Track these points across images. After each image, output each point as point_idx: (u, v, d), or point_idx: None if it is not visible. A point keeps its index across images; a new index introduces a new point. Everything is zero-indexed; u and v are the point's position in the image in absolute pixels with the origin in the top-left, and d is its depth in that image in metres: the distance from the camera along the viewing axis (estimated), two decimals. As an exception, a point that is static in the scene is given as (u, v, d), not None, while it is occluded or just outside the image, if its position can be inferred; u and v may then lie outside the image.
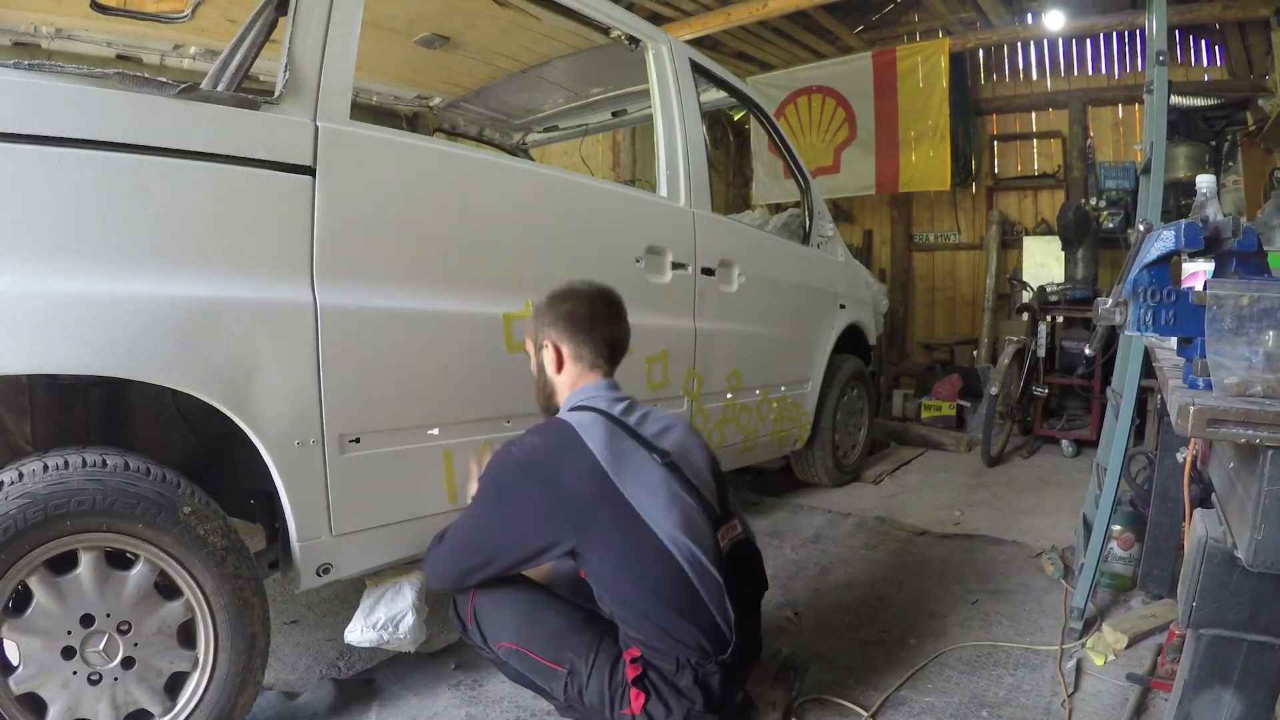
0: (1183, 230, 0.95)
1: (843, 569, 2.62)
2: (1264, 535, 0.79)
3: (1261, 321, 0.85)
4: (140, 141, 1.27)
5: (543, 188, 2.07)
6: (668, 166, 2.45)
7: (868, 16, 5.97)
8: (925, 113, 5.34)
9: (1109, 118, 5.73)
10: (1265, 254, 0.97)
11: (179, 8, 2.23)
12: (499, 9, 2.41)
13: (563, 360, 1.54)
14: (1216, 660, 0.91)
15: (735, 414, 2.78)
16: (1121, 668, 1.89)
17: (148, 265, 1.29)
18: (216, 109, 1.37)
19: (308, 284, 1.47)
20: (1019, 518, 3.21)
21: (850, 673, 1.91)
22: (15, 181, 1.17)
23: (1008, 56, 6.05)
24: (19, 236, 1.18)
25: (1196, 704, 0.92)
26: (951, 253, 6.42)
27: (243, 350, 1.38)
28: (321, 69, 1.51)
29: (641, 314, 2.26)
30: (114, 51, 2.49)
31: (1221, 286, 0.89)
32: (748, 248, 2.82)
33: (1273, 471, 0.78)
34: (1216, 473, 1.04)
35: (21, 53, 2.30)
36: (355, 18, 1.59)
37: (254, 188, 1.41)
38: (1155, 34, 2.10)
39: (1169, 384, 0.94)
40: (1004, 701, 1.78)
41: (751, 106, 3.22)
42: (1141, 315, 0.96)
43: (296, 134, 1.46)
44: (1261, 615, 0.88)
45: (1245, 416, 0.77)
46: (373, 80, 3.11)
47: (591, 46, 2.75)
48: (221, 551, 1.37)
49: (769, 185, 5.97)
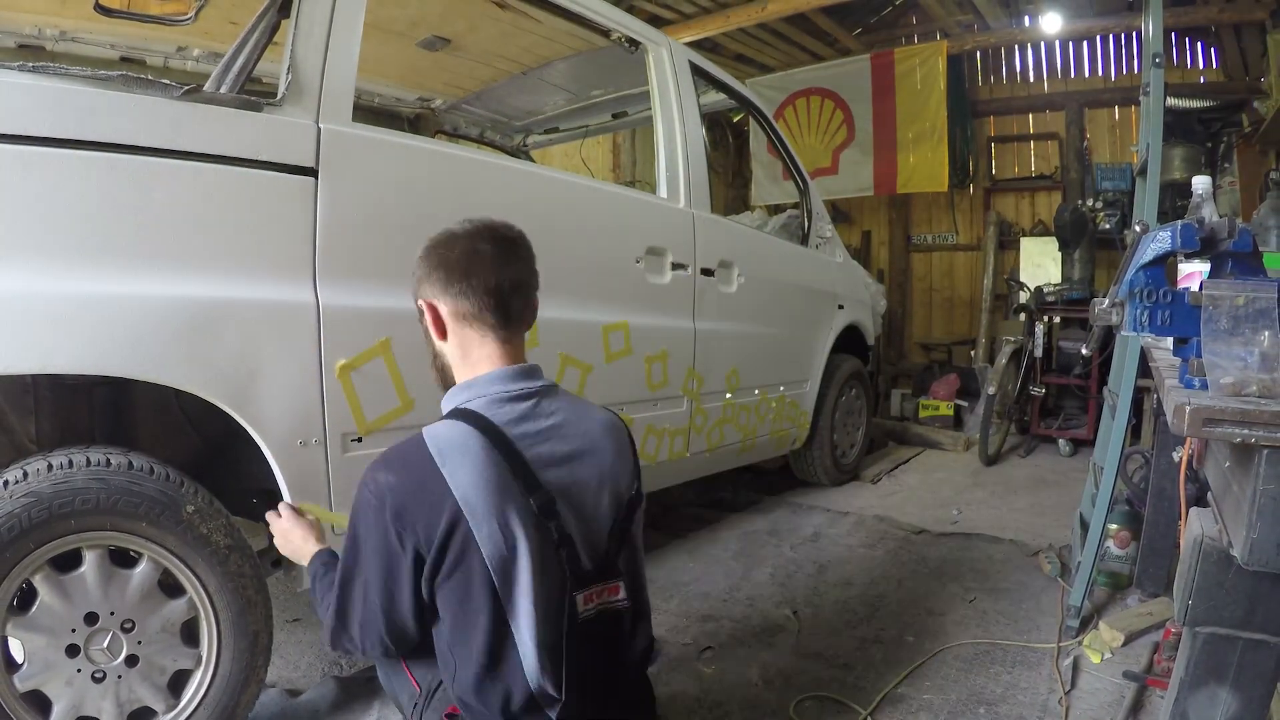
0: (1179, 231, 0.95)
1: (841, 567, 2.62)
2: (1259, 534, 0.79)
3: (1257, 322, 0.85)
4: (144, 143, 1.27)
5: (543, 189, 2.08)
6: (668, 168, 2.45)
7: (866, 19, 5.96)
8: (923, 114, 5.34)
9: (1106, 119, 5.73)
10: (1260, 255, 0.97)
11: (182, 10, 2.23)
12: (500, 11, 2.41)
13: (442, 322, 1.15)
14: (1212, 658, 0.91)
15: (734, 414, 2.79)
16: (1118, 665, 1.89)
17: (152, 266, 1.29)
18: (220, 111, 1.37)
19: (310, 284, 1.48)
20: (1016, 516, 3.21)
21: (848, 670, 1.91)
22: (20, 182, 1.17)
23: (1005, 59, 6.05)
24: (24, 237, 1.18)
25: (1193, 701, 0.92)
26: (949, 253, 6.42)
27: (245, 350, 1.38)
28: (324, 71, 1.52)
29: (641, 314, 2.28)
30: (118, 54, 2.49)
31: (1217, 287, 0.89)
32: (747, 248, 2.82)
33: (1268, 470, 0.78)
34: (1212, 472, 1.04)
35: (26, 55, 2.31)
36: (357, 20, 1.59)
37: (257, 189, 1.41)
38: (1152, 36, 2.10)
39: (1165, 384, 0.95)
40: (1001, 699, 1.78)
41: (750, 108, 3.22)
42: (1138, 316, 0.97)
43: (299, 135, 1.46)
44: (1257, 613, 0.88)
45: (1241, 416, 0.77)
46: (375, 82, 3.11)
47: (592, 49, 2.75)
48: (225, 550, 1.37)
49: (768, 186, 5.97)
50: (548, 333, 1.94)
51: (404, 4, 2.44)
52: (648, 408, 2.35)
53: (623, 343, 2.20)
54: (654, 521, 3.10)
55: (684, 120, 2.49)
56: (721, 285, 2.63)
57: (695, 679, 1.87)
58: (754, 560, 2.68)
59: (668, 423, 2.44)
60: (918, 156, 5.42)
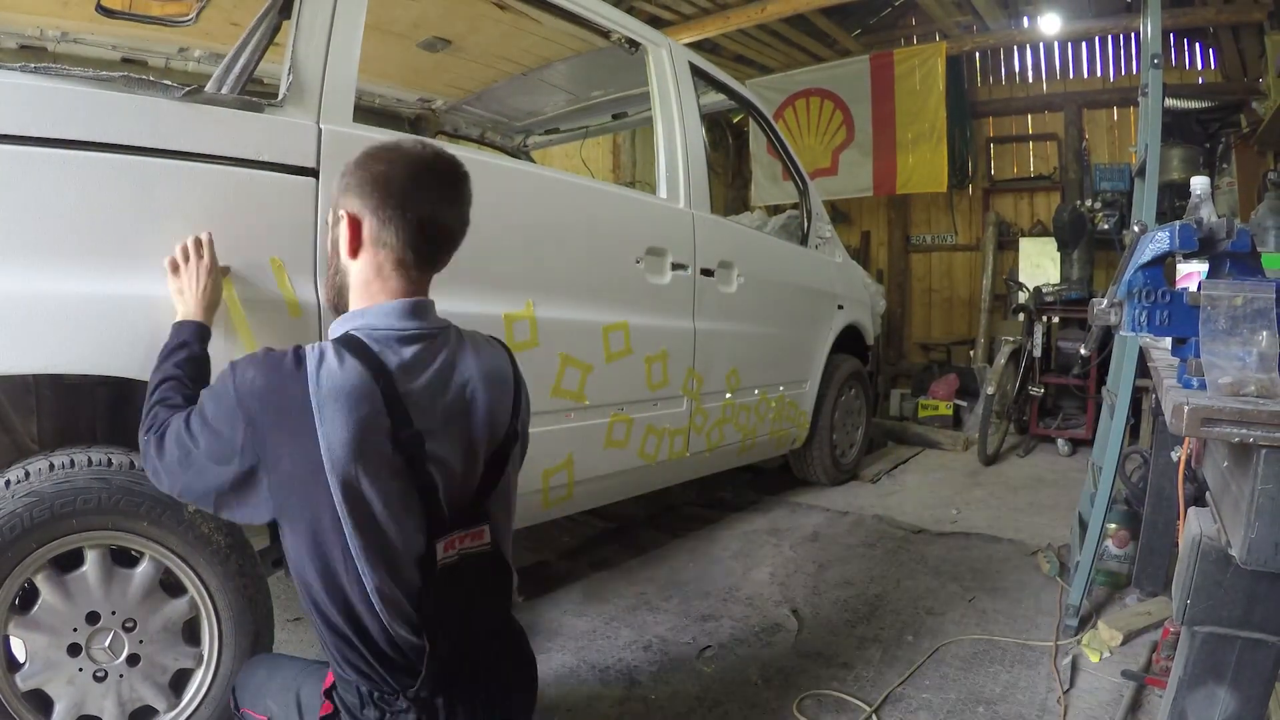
0: (1177, 232, 0.95)
1: (841, 567, 2.62)
2: (1258, 533, 0.79)
3: (1255, 322, 0.85)
4: (146, 144, 1.27)
5: (544, 189, 2.08)
6: (667, 168, 2.45)
7: (865, 20, 5.96)
8: (922, 115, 5.34)
9: (1104, 120, 5.73)
10: (1259, 255, 0.97)
11: (184, 11, 2.23)
12: (500, 12, 2.41)
13: (360, 240, 1.07)
14: (1211, 657, 0.91)
15: (734, 413, 2.78)
16: (1116, 664, 1.89)
17: (153, 266, 1.29)
18: (221, 111, 1.37)
19: (311, 284, 1.47)
20: (1015, 516, 3.21)
21: (848, 669, 1.91)
22: (23, 183, 1.17)
23: (1004, 60, 6.05)
24: (26, 237, 1.18)
25: (1191, 700, 0.92)
26: (948, 254, 6.41)
27: (246, 349, 1.38)
28: (325, 72, 1.51)
29: (641, 314, 2.28)
30: (119, 55, 2.49)
31: (1216, 287, 0.89)
32: (746, 249, 2.82)
33: (1266, 470, 0.78)
34: (1210, 472, 1.03)
35: (28, 56, 2.30)
36: (358, 21, 1.59)
37: (258, 189, 1.41)
38: (1150, 37, 2.10)
39: (1164, 384, 0.94)
40: (1000, 698, 1.78)
41: (750, 109, 3.22)
42: (1136, 316, 0.96)
43: (300, 136, 1.46)
44: (1255, 612, 0.88)
45: (1239, 416, 0.77)
46: (376, 83, 3.11)
47: (592, 50, 2.75)
48: (225, 549, 1.37)
49: (767, 187, 5.97)
50: (548, 332, 1.94)
51: (405, 5, 2.44)
52: (648, 407, 2.35)
53: (623, 343, 2.20)
54: (654, 521, 3.11)
55: (684, 121, 2.49)
56: (721, 285, 2.63)
57: (695, 678, 1.87)
58: (753, 560, 2.68)
59: (668, 422, 2.44)
60: (917, 157, 5.42)
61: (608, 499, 2.42)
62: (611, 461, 2.25)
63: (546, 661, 1.92)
